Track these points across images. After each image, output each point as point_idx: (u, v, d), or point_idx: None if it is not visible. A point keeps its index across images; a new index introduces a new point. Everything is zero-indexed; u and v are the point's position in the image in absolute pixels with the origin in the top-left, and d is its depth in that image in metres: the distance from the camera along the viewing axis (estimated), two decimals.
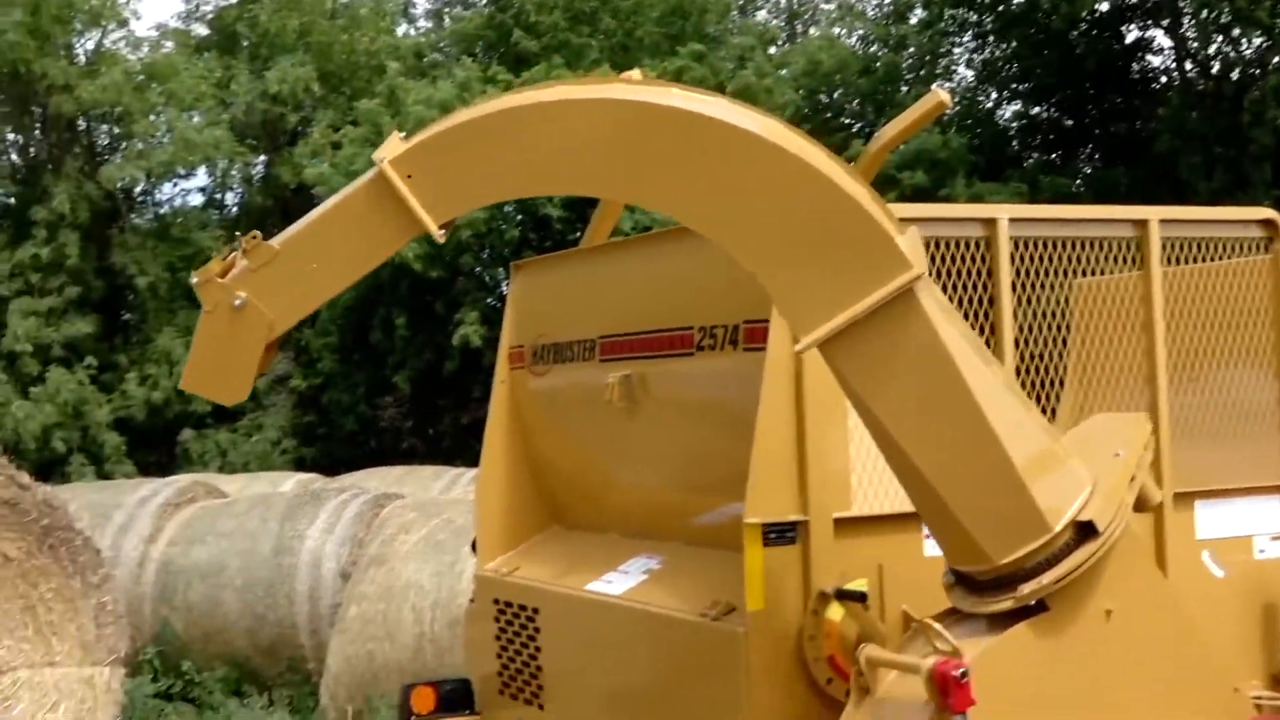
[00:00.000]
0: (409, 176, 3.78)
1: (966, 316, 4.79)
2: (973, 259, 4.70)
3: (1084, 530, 3.79)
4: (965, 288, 4.69)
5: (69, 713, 8.77)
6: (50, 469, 19.88)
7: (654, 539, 5.44)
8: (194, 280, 3.95)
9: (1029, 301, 4.89)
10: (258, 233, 3.91)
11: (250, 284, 3.82)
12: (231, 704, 10.92)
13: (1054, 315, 5.00)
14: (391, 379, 23.63)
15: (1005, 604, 3.81)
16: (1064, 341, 5.11)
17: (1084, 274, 4.99)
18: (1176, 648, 4.09)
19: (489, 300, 23.12)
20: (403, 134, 3.92)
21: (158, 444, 22.88)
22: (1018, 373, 4.78)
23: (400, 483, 15.67)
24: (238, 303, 3.82)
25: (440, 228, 3.82)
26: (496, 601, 5.99)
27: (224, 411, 23.21)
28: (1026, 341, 4.88)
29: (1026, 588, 3.78)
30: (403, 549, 10.49)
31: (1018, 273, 4.76)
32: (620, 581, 5.29)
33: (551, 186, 4.21)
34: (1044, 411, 4.83)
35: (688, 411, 5.14)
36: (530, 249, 21.61)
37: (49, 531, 8.81)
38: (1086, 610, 3.87)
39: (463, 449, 22.99)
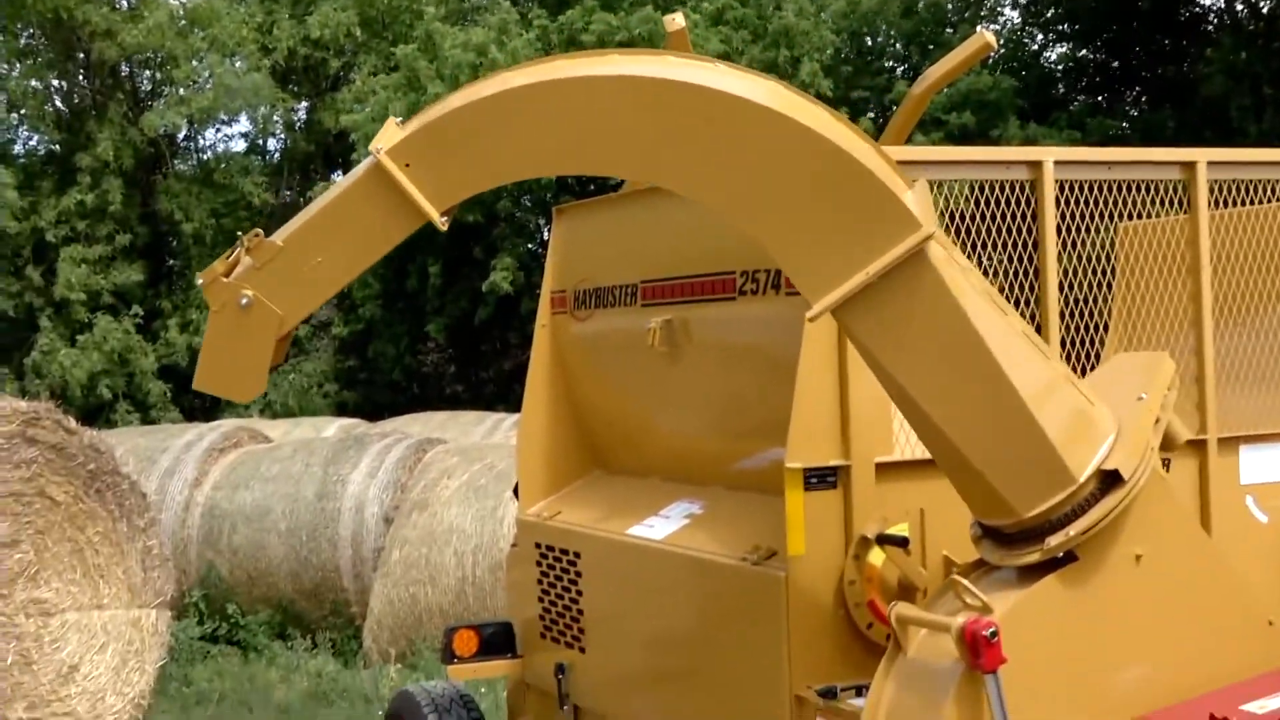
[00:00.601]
0: (407, 165, 3.71)
1: (1010, 260, 4.76)
2: (1018, 202, 4.66)
3: (1109, 479, 3.75)
4: (1010, 231, 4.65)
5: (116, 654, 8.89)
6: (96, 415, 20.05)
7: (695, 484, 5.44)
8: (199, 281, 3.94)
9: (1074, 245, 4.85)
10: (259, 231, 3.86)
11: (256, 281, 3.78)
12: (276, 646, 11.04)
13: (1099, 259, 4.96)
14: (430, 322, 23.68)
15: (1033, 556, 3.78)
16: (1109, 286, 5.07)
17: (1130, 217, 4.94)
18: (1210, 585, 4.05)
19: (527, 246, 23.12)
20: (399, 119, 3.86)
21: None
22: (1061, 317, 4.74)
23: (442, 428, 15.75)
24: (244, 301, 3.77)
25: (442, 215, 3.77)
26: (538, 546, 6.02)
27: None
28: (1071, 286, 4.84)
29: (1053, 540, 3.75)
30: (445, 494, 10.56)
31: (1063, 216, 4.71)
32: (661, 526, 5.30)
33: (553, 168, 4.17)
34: (1088, 357, 4.80)
35: (729, 356, 5.13)
36: (570, 194, 21.58)
37: (96, 476, 8.90)
38: (1116, 557, 3.84)
39: (505, 395, 23.07)
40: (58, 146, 24.71)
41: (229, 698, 9.65)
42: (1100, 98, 26.52)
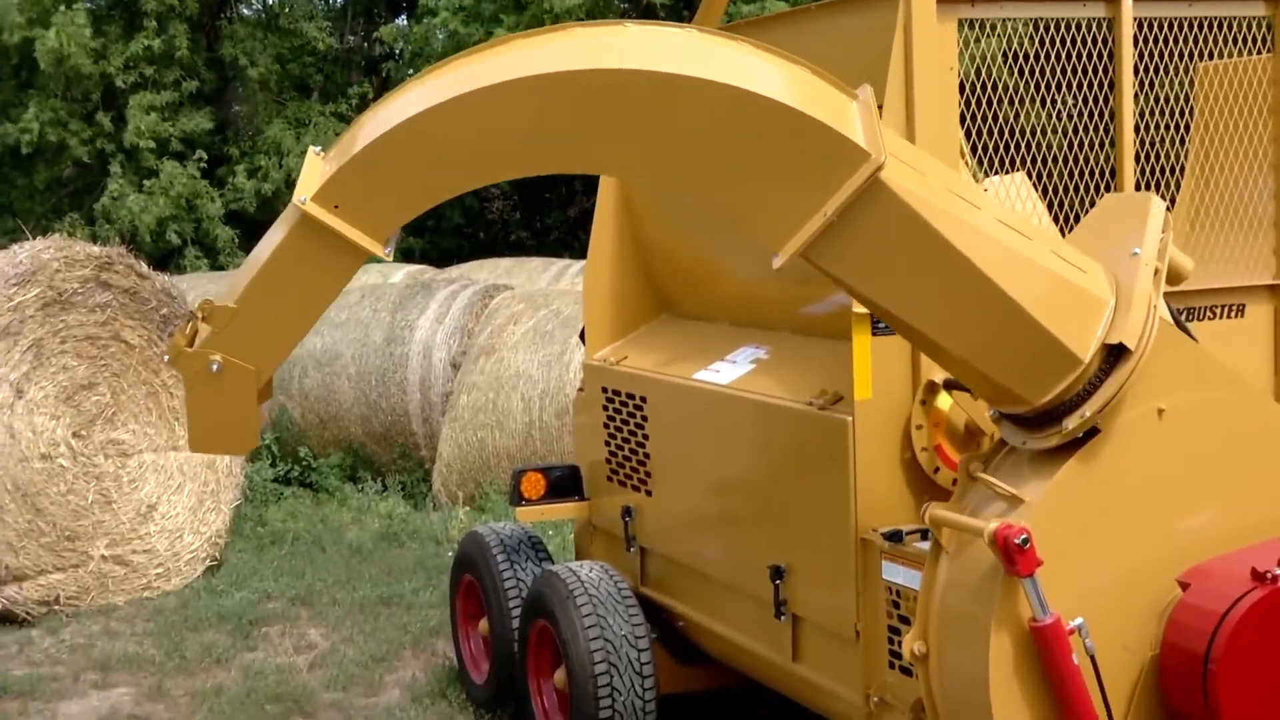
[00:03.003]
0: (336, 207, 3.61)
1: (1086, 102, 4.66)
2: (1094, 40, 4.55)
3: (1116, 351, 3.68)
4: (1086, 71, 4.55)
5: (193, 494, 9.08)
6: (166, 261, 20.23)
7: (762, 328, 5.44)
8: (166, 359, 3.91)
9: (1151, 86, 4.75)
10: (210, 298, 3.81)
11: (220, 345, 3.76)
12: (347, 488, 11.23)
13: (1177, 101, 4.85)
14: None
15: (1053, 440, 3.76)
16: (1186, 128, 4.97)
17: (1210, 57, 4.82)
18: (1247, 426, 3.96)
19: None
20: (318, 149, 3.77)
21: None
22: (1136, 159, 4.66)
23: (508, 274, 15.78)
24: (215, 367, 3.76)
25: (385, 245, 3.69)
26: (605, 390, 6.06)
27: None
28: (1147, 127, 4.75)
29: (1070, 422, 3.71)
30: (511, 339, 10.62)
31: (1140, 55, 4.60)
32: (728, 370, 5.31)
33: (486, 180, 3.95)
34: (1163, 200, 4.72)
35: None
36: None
37: (169, 320, 9.01)
38: (1135, 417, 3.77)
39: (569, 242, 23.05)
40: None
41: (302, 538, 9.86)
42: None
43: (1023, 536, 3.60)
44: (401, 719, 6.45)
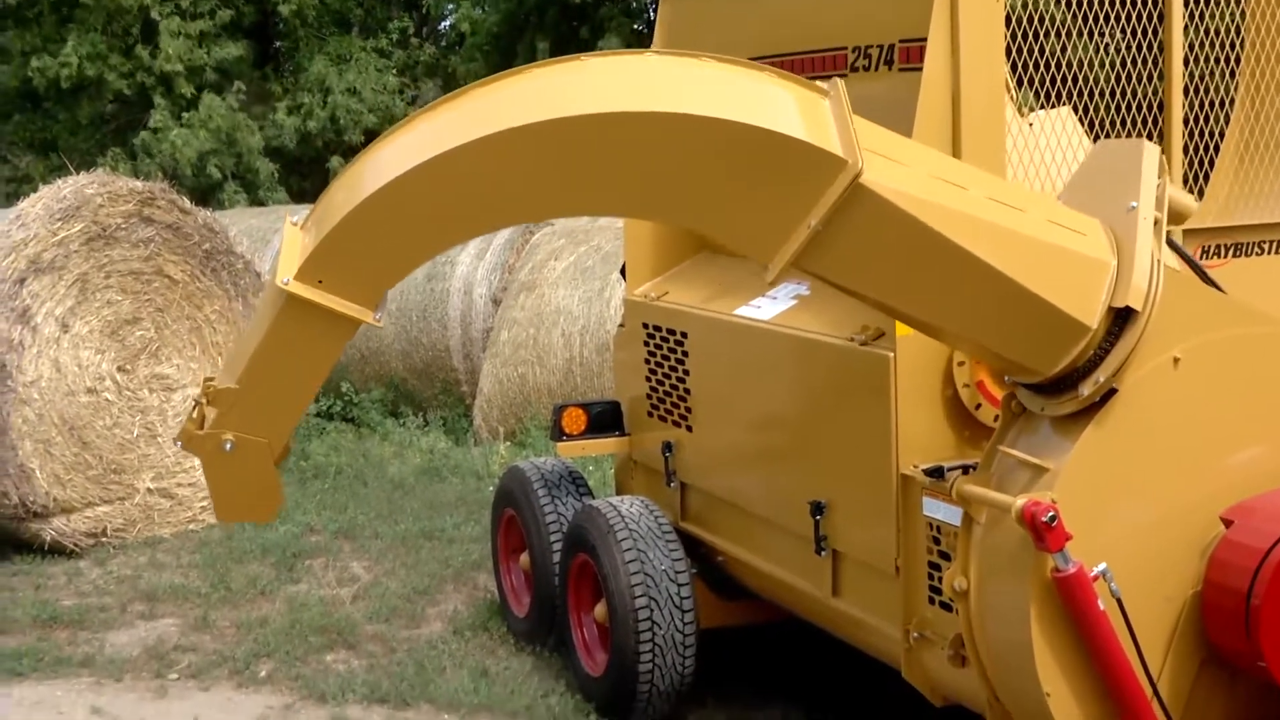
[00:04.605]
0: (320, 282, 3.60)
1: (1134, 34, 4.60)
2: None
3: (1123, 313, 3.64)
4: (1134, 2, 4.49)
5: None
6: (208, 196, 20.26)
7: None
8: (178, 445, 3.94)
9: (1200, 17, 4.68)
10: (211, 378, 3.86)
11: (229, 424, 3.80)
12: (389, 423, 11.30)
13: (1226, 32, 4.78)
14: None
15: (1070, 406, 3.74)
16: (1236, 60, 4.90)
17: None
18: (1273, 357, 3.91)
19: (634, 27, 22.74)
20: (295, 218, 3.74)
21: (308, 171, 23.14)
22: (1185, 92, 4.60)
23: None
24: (228, 446, 3.81)
25: (375, 310, 3.68)
26: (645, 326, 6.05)
27: (374, 138, 23.39)
28: (1196, 60, 4.69)
29: (1086, 388, 3.69)
30: (552, 275, 10.61)
31: None
32: (769, 306, 5.29)
33: (471, 235, 3.93)
34: (1211, 135, 4.66)
35: None
36: None
37: (211, 255, 9.04)
38: (1152, 371, 3.73)
39: None
40: None
41: (345, 471, 9.92)
42: None
43: (1050, 514, 3.59)
44: (443, 651, 6.51)
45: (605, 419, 6.42)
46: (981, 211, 3.56)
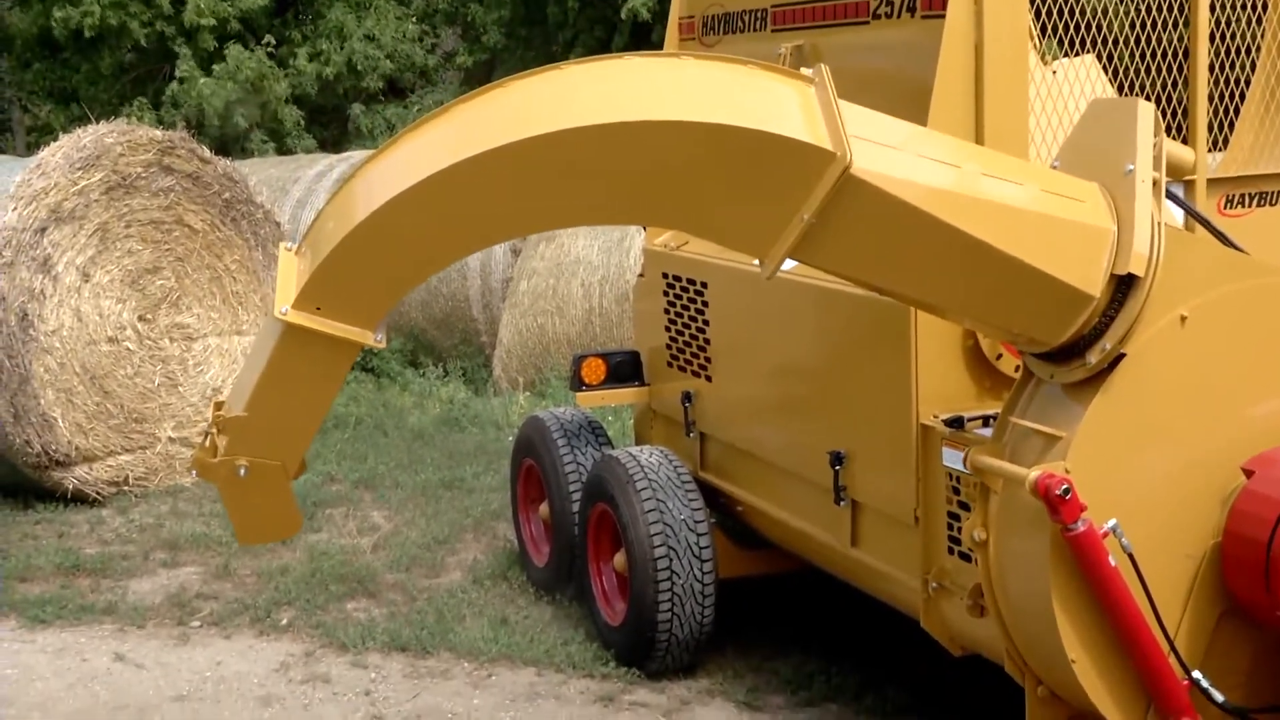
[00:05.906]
0: (318, 309, 3.57)
1: (1160, 10, 4.54)
2: None
3: (1127, 279, 3.60)
4: None
5: None
6: (232, 145, 20.25)
7: None
8: (193, 473, 3.95)
9: None
10: (219, 401, 3.85)
11: (241, 450, 3.79)
12: (409, 374, 11.31)
13: (1252, 4, 4.73)
14: (561, 56, 23.40)
15: (1078, 374, 3.72)
16: (1264, 6, 4.85)
17: None
18: (1271, 309, 3.86)
19: None
20: (289, 244, 3.71)
21: (330, 119, 23.10)
22: (1210, 39, 4.54)
23: None
24: (242, 471, 3.80)
25: (376, 331, 3.65)
26: (665, 276, 6.04)
27: (395, 87, 23.30)
28: (1222, 7, 4.63)
29: (1093, 356, 3.67)
30: None
31: None
32: None
33: (461, 251, 3.85)
34: (1236, 83, 4.61)
35: (862, 83, 4.98)
36: None
37: (231, 205, 9.04)
38: (1159, 332, 3.69)
39: None
40: None
41: (365, 422, 9.95)
42: None
43: (1064, 487, 3.58)
44: (463, 600, 6.54)
45: (624, 369, 6.41)
46: (976, 189, 3.53)
